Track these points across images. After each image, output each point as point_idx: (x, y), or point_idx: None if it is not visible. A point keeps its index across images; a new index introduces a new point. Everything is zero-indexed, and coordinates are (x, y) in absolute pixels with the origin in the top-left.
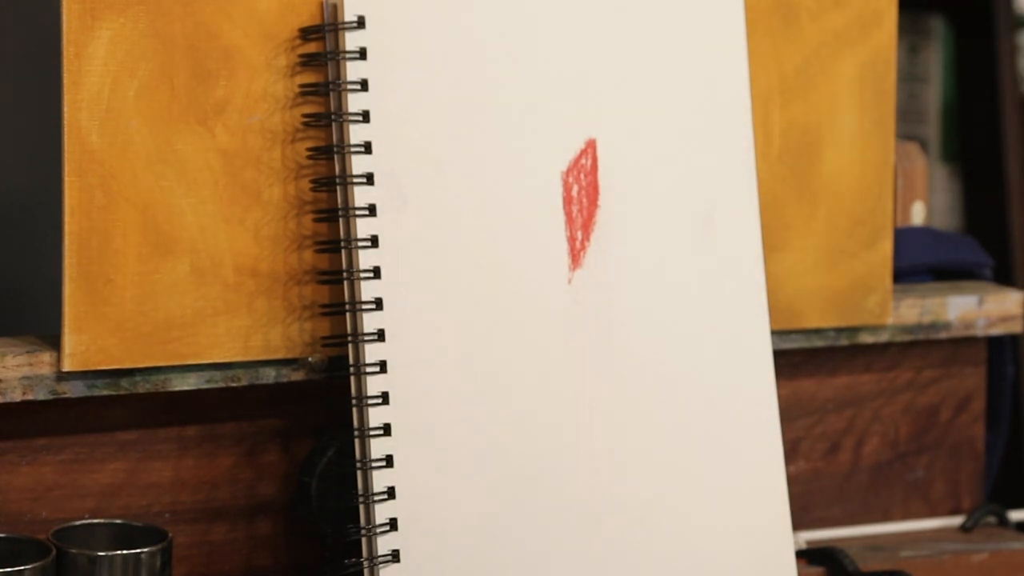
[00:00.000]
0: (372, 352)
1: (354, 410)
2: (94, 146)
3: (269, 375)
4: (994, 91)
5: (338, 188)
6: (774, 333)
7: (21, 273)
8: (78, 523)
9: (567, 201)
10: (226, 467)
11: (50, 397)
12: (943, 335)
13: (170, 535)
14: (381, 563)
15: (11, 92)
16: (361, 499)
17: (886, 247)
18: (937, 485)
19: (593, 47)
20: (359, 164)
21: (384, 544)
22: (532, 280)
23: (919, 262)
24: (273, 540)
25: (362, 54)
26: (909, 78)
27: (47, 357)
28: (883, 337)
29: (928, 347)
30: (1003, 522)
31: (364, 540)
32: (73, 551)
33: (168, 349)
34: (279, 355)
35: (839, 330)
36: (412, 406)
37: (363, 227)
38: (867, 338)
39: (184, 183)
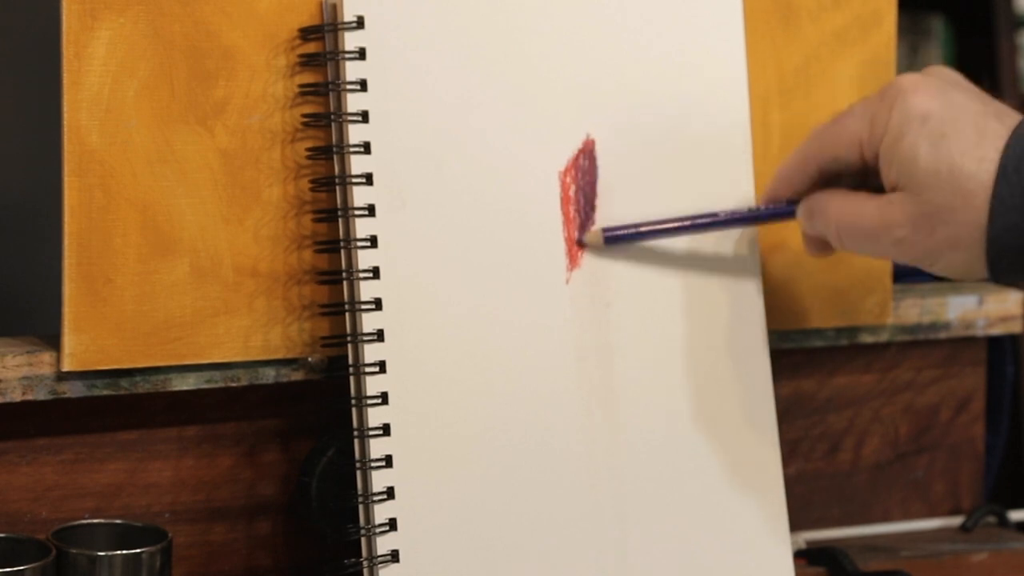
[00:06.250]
0: (371, 352)
1: (353, 410)
2: (94, 146)
3: (269, 375)
4: (994, 91)
5: (337, 188)
6: (774, 333)
7: (21, 273)
8: (78, 523)
9: (565, 201)
10: (226, 467)
11: (50, 397)
12: (943, 335)
13: (170, 535)
14: (381, 563)
15: (11, 92)
16: (361, 499)
17: None
18: (937, 485)
19: (592, 47)
20: (358, 164)
21: (384, 544)
22: (530, 280)
23: None
24: (273, 540)
25: (361, 54)
26: None
27: (47, 357)
28: (883, 337)
29: (928, 347)
30: (1003, 522)
31: (364, 540)
32: (73, 551)
33: (168, 349)
34: (279, 355)
35: (839, 330)
36: (412, 406)
37: (362, 227)
38: (867, 338)
39: (184, 183)
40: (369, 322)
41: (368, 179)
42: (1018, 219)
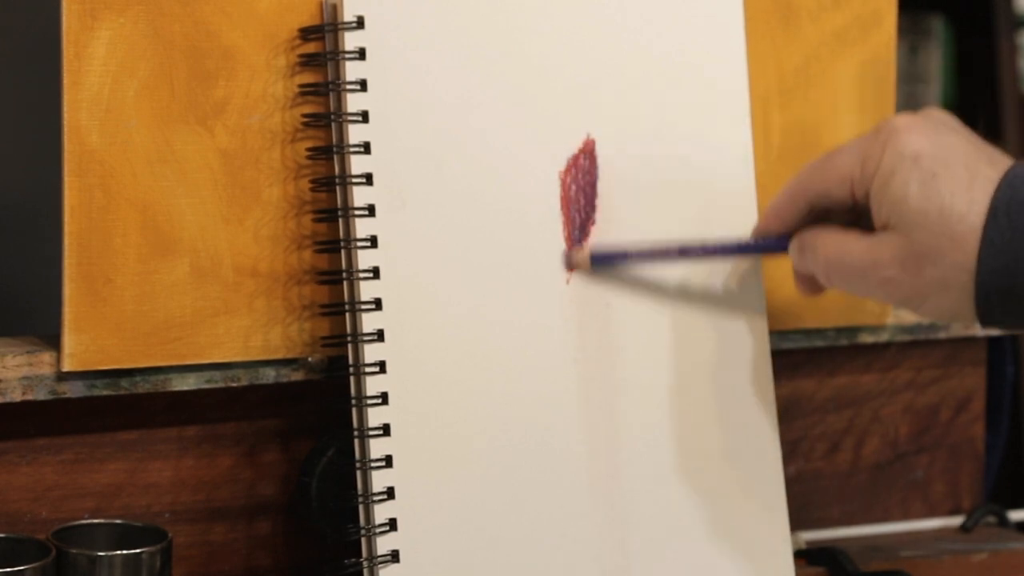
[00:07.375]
0: (371, 352)
1: (353, 410)
2: (94, 146)
3: (269, 375)
4: (994, 91)
5: (337, 188)
6: (774, 333)
7: (21, 273)
8: (78, 523)
9: (565, 201)
10: (226, 467)
11: (50, 397)
12: (943, 335)
13: (170, 535)
14: (381, 563)
15: (11, 92)
16: (360, 499)
17: None
18: (937, 485)
19: (592, 47)
20: (358, 164)
21: (384, 544)
22: (531, 280)
23: None
24: (273, 540)
25: (361, 54)
26: (909, 78)
27: (47, 357)
28: (883, 337)
29: (928, 347)
30: (1003, 522)
31: (364, 540)
32: (73, 551)
33: (168, 349)
34: (279, 355)
35: (839, 330)
36: (412, 406)
37: (362, 227)
38: (867, 338)
39: (184, 183)
40: (369, 322)
41: (368, 179)
42: (1007, 261)
